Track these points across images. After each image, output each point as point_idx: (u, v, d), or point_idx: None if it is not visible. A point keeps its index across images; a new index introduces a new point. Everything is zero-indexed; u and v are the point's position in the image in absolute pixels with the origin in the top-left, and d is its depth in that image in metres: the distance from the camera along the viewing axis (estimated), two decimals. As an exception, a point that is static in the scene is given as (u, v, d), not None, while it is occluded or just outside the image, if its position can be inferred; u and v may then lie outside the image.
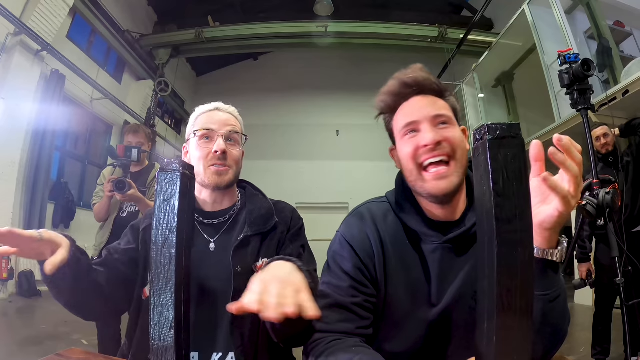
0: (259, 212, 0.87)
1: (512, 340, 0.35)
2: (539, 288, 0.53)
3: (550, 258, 0.53)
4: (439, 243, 0.66)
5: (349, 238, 0.70)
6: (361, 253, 0.68)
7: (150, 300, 0.41)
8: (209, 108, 0.92)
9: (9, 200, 4.42)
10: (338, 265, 0.69)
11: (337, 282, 0.67)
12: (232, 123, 0.91)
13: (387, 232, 0.70)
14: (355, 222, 0.72)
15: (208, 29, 7.35)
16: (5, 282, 4.20)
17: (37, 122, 4.86)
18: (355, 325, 0.64)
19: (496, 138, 0.35)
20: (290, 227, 0.89)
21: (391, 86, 0.72)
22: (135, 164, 2.08)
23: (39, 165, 4.90)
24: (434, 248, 0.67)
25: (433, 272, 0.66)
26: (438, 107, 0.68)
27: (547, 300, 0.54)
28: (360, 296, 0.66)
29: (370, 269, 0.68)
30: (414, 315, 0.66)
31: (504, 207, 0.35)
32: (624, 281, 1.50)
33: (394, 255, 0.68)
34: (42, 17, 4.66)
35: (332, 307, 0.64)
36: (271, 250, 0.84)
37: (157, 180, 0.41)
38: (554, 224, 0.50)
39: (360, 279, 0.67)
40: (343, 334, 0.62)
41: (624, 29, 4.38)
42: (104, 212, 2.05)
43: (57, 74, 5.16)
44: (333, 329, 0.63)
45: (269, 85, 10.34)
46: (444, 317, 0.65)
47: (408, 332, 0.66)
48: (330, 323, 0.63)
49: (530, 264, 0.36)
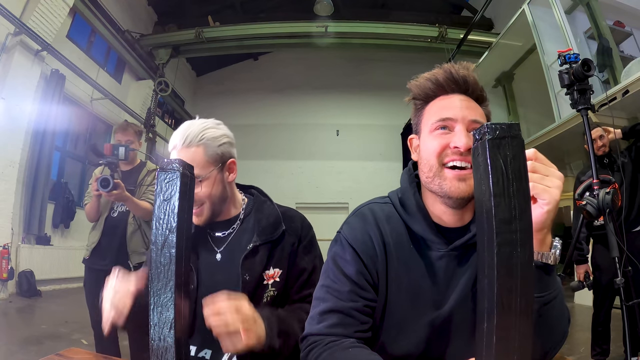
0: (268, 221, 0.87)
1: (512, 340, 0.34)
2: (534, 290, 0.53)
3: (544, 261, 0.52)
4: (445, 251, 0.65)
5: (351, 240, 0.68)
6: (363, 256, 0.66)
7: (149, 300, 0.41)
8: (170, 147, 0.86)
9: (9, 200, 4.42)
10: (339, 268, 0.67)
11: (337, 286, 0.66)
12: (191, 162, 0.83)
13: (390, 235, 0.68)
14: (357, 223, 0.70)
15: (208, 29, 7.35)
16: (5, 282, 4.20)
17: (37, 122, 4.86)
18: (354, 329, 0.63)
19: (496, 138, 0.35)
20: (301, 237, 0.89)
21: (438, 75, 0.67)
22: (125, 162, 2.04)
23: (39, 165, 4.90)
24: (441, 255, 0.65)
25: (439, 278, 0.65)
26: (477, 113, 0.65)
27: (542, 302, 0.54)
28: (360, 301, 0.64)
29: (372, 272, 0.66)
30: (415, 319, 0.65)
31: (504, 207, 0.35)
32: (624, 281, 1.50)
33: (397, 259, 0.66)
34: (42, 17, 4.66)
35: (331, 311, 0.64)
36: (283, 260, 0.85)
37: (157, 180, 0.41)
38: (543, 223, 0.50)
39: (361, 283, 0.65)
40: (341, 336, 0.62)
41: (624, 29, 4.38)
42: (93, 212, 2.04)
43: (57, 73, 5.16)
44: (330, 333, 0.62)
45: (269, 85, 10.34)
46: (446, 319, 0.64)
47: (409, 335, 0.65)
48: (327, 327, 0.63)
49: (530, 264, 0.36)
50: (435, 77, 0.67)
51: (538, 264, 0.53)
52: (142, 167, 2.13)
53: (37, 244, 4.92)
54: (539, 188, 0.50)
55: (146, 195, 2.03)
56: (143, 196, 2.03)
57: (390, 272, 0.66)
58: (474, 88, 0.67)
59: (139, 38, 7.25)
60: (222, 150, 0.86)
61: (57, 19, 4.88)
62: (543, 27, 4.44)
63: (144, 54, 7.35)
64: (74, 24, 5.85)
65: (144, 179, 2.08)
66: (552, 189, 0.50)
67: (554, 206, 0.50)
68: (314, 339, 0.63)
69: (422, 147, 0.67)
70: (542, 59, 4.37)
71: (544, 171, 0.50)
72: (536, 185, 0.50)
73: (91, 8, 5.78)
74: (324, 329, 0.63)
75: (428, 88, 0.68)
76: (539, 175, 0.50)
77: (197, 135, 0.84)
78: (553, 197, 0.50)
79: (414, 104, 0.72)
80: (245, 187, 0.99)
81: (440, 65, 0.68)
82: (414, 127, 0.72)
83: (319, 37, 7.23)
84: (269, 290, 0.83)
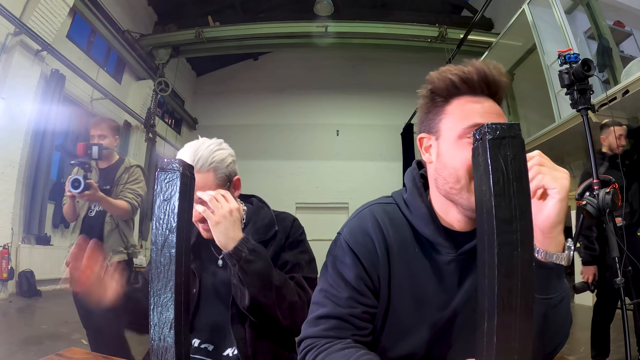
0: (262, 223, 0.92)
1: (512, 341, 0.34)
2: (543, 292, 0.52)
3: (558, 262, 0.51)
4: (455, 255, 0.62)
5: (352, 244, 0.65)
6: (365, 261, 0.63)
7: (149, 300, 0.41)
8: None
9: (9, 200, 4.42)
10: (338, 272, 0.64)
11: (335, 291, 0.63)
12: (204, 187, 0.86)
13: (393, 237, 0.64)
14: (359, 225, 0.66)
15: (208, 29, 7.35)
16: (5, 282, 4.20)
17: (37, 122, 4.86)
18: (350, 333, 0.62)
19: (496, 138, 0.35)
20: (289, 234, 0.93)
21: (467, 72, 0.60)
22: (103, 160, 1.98)
23: (39, 165, 4.90)
24: (450, 260, 0.62)
25: (445, 282, 0.63)
26: (496, 113, 0.60)
27: (552, 304, 0.53)
28: (359, 307, 0.62)
29: (373, 278, 0.63)
30: (419, 322, 0.63)
31: (504, 207, 0.35)
32: (624, 281, 1.50)
33: (400, 263, 0.64)
34: (42, 17, 4.66)
35: (328, 317, 0.62)
36: (275, 256, 0.89)
37: (156, 180, 0.41)
38: (556, 216, 0.49)
39: (361, 289, 0.63)
40: (336, 339, 0.61)
41: (624, 29, 4.38)
42: (70, 213, 2.00)
43: (57, 73, 5.17)
44: (326, 335, 0.62)
45: (269, 85, 10.34)
46: (449, 321, 0.64)
47: (412, 338, 0.64)
48: (323, 330, 0.62)
49: (530, 263, 0.36)
50: (464, 74, 0.60)
51: (551, 265, 0.51)
52: (119, 165, 2.06)
53: (37, 244, 4.93)
54: (547, 178, 0.49)
55: (123, 194, 1.97)
56: (120, 194, 1.97)
57: (393, 277, 0.64)
58: (502, 94, 0.62)
59: (139, 38, 7.25)
60: (229, 170, 0.91)
61: (57, 19, 4.88)
62: (543, 27, 4.44)
63: (144, 54, 7.35)
64: (74, 24, 5.85)
65: (120, 177, 2.01)
66: (561, 179, 0.49)
67: (565, 195, 0.49)
68: (310, 342, 0.63)
69: (446, 154, 0.60)
70: (542, 59, 4.38)
71: (550, 164, 0.51)
72: (544, 176, 0.49)
73: (91, 8, 5.79)
74: (320, 332, 0.62)
75: (455, 85, 0.60)
76: (546, 167, 0.50)
77: (207, 160, 0.87)
78: (563, 185, 0.49)
79: (430, 99, 0.64)
80: (246, 197, 1.03)
81: (469, 62, 0.61)
82: (425, 124, 0.65)
83: (319, 37, 7.24)
84: None
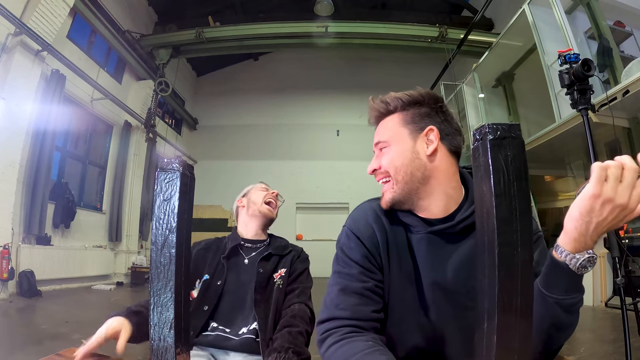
0: (280, 243, 1.29)
1: (512, 340, 0.35)
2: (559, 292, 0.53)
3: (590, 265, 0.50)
4: (424, 232, 0.71)
5: (355, 230, 0.74)
6: (367, 243, 0.72)
7: (150, 300, 0.41)
8: None
9: (9, 201, 4.42)
10: (346, 255, 0.73)
11: (347, 270, 0.71)
12: None
13: (388, 224, 0.74)
14: (360, 215, 0.77)
15: (208, 29, 7.36)
16: (6, 282, 4.20)
17: (37, 122, 4.86)
18: (370, 308, 0.67)
19: (496, 138, 0.35)
20: (300, 255, 1.27)
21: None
22: None
23: (39, 166, 4.91)
24: (420, 237, 0.71)
25: (420, 259, 0.71)
26: (379, 132, 0.78)
27: (570, 304, 0.54)
28: (370, 281, 0.70)
29: (376, 257, 0.72)
30: (414, 295, 0.70)
31: (505, 207, 0.35)
32: (624, 281, 1.50)
33: (394, 245, 0.73)
34: (42, 17, 4.67)
35: (345, 292, 0.69)
36: (286, 264, 1.22)
37: (156, 180, 0.41)
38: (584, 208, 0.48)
39: (368, 266, 0.71)
40: (358, 320, 0.65)
41: (624, 29, 4.38)
42: None
43: (57, 74, 5.17)
44: (348, 315, 0.66)
45: (269, 85, 10.35)
46: (439, 315, 0.68)
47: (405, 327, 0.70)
48: (345, 308, 0.66)
49: (530, 263, 0.36)
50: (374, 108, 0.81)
51: (584, 264, 0.51)
52: None
53: (37, 244, 4.93)
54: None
55: None
56: None
57: (391, 257, 0.72)
58: (374, 115, 0.81)
59: (139, 38, 7.26)
60: None
61: (57, 19, 4.89)
62: (543, 27, 4.44)
63: (144, 54, 7.36)
64: (74, 24, 5.85)
65: None
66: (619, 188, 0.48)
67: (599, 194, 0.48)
68: (331, 324, 0.66)
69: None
70: (543, 59, 4.38)
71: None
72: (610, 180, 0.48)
73: (91, 8, 5.79)
74: (342, 311, 0.66)
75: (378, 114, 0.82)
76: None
77: None
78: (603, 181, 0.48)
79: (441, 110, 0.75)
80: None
81: None
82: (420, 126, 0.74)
83: (319, 37, 7.24)
84: (276, 281, 1.17)
